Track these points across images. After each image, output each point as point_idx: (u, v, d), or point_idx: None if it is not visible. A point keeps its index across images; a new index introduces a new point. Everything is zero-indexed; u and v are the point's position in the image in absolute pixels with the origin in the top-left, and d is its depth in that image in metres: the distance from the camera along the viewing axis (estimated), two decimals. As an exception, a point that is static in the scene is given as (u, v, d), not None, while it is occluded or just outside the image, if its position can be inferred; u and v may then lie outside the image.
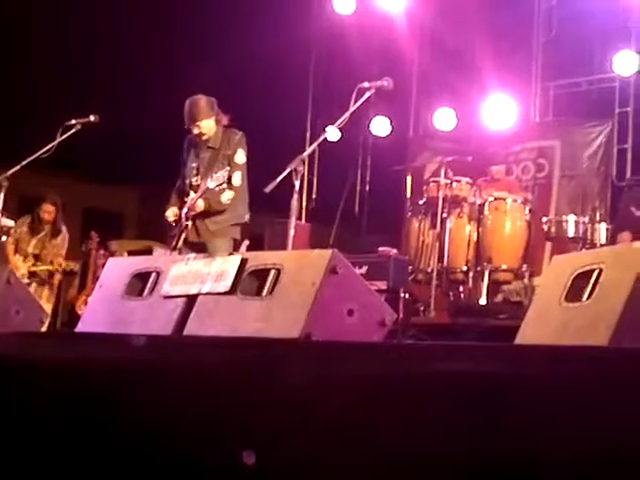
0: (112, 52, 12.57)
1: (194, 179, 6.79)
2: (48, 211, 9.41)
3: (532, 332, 3.19)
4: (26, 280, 8.98)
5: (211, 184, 6.67)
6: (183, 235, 6.72)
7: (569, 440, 2.31)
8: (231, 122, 6.84)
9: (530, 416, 2.39)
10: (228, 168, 6.67)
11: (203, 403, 3.11)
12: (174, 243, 6.72)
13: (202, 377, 3.16)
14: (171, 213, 6.75)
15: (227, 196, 6.68)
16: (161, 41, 12.49)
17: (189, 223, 6.70)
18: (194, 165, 6.81)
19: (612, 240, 8.10)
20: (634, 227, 8.09)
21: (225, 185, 6.68)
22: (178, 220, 6.73)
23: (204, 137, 6.74)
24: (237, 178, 6.67)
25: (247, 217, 6.86)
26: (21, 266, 9.20)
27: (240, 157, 6.71)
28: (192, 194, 6.74)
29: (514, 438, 2.41)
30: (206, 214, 6.72)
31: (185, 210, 6.70)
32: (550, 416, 2.35)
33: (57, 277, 9.49)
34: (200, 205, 6.64)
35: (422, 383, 2.65)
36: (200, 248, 6.54)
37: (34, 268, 9.27)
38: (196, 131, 6.69)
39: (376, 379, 2.76)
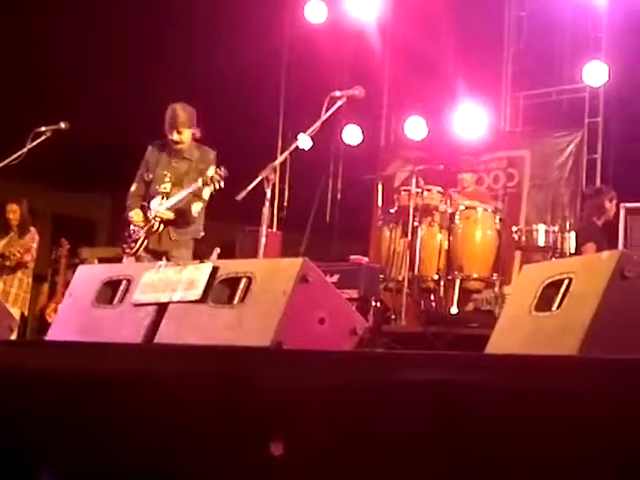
0: (82, 60, 12.53)
1: (163, 186, 6.78)
2: (12, 210, 9.42)
3: (502, 341, 3.21)
4: None
5: (181, 194, 6.67)
6: (145, 241, 6.70)
7: (537, 449, 2.32)
8: (202, 137, 6.86)
9: (499, 425, 2.39)
10: (200, 182, 6.66)
11: (172, 412, 3.10)
12: (136, 247, 6.69)
13: (172, 386, 3.15)
14: (135, 215, 6.72)
15: (196, 208, 6.69)
16: (132, 51, 12.46)
17: (157, 225, 6.67)
18: (165, 172, 6.79)
19: (577, 251, 8.12)
20: (597, 237, 8.14)
21: (195, 197, 6.68)
22: (143, 222, 6.70)
23: (179, 146, 6.73)
24: (207, 193, 6.67)
25: (202, 234, 6.90)
26: None
27: (211, 173, 6.73)
28: (159, 199, 6.72)
29: (483, 447, 2.42)
30: (173, 222, 6.71)
31: (152, 214, 6.67)
32: (519, 425, 2.36)
33: (23, 270, 9.40)
34: (169, 214, 6.64)
35: (392, 392, 2.65)
36: (159, 257, 6.51)
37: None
38: (176, 137, 6.68)
39: (347, 388, 2.76)
